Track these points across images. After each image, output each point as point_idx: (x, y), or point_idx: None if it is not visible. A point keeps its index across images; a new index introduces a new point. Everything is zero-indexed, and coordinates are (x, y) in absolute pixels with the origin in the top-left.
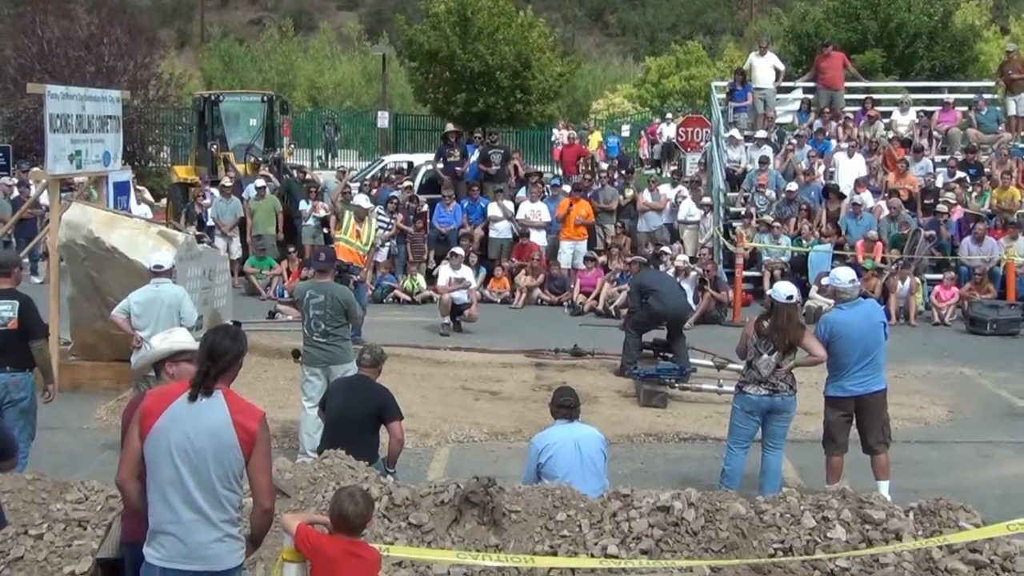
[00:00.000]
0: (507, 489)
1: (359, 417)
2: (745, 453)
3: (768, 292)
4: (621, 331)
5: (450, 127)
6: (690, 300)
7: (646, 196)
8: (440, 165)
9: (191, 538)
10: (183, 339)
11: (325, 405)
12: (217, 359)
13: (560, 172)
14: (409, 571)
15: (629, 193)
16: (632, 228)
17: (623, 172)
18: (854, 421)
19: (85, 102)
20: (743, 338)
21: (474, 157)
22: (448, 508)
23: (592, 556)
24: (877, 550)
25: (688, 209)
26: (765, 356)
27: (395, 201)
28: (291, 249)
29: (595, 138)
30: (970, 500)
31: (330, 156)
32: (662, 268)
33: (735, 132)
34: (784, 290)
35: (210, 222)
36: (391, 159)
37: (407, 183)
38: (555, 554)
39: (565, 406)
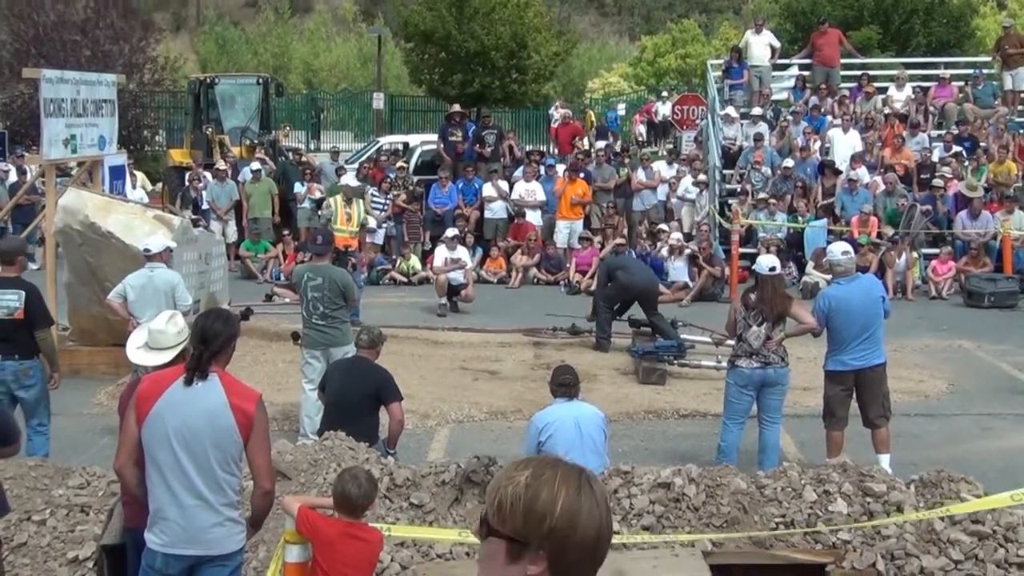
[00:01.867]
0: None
1: (358, 398)
2: (741, 428)
3: (752, 266)
4: (590, 320)
5: (456, 108)
6: (685, 277)
7: (640, 175)
8: (442, 145)
9: (191, 523)
10: (158, 357)
11: (325, 387)
12: (209, 342)
13: (556, 151)
14: (412, 551)
15: (624, 172)
16: (627, 207)
17: (619, 152)
18: (854, 395)
19: (80, 86)
20: (731, 313)
21: (470, 137)
22: (449, 488)
23: None
24: (879, 522)
25: (686, 186)
26: (755, 328)
27: (390, 181)
28: (286, 232)
29: (590, 117)
30: (971, 472)
31: (314, 138)
32: (658, 245)
33: (731, 110)
34: (767, 262)
35: (205, 206)
36: (386, 140)
37: (401, 164)
38: None
39: (564, 384)
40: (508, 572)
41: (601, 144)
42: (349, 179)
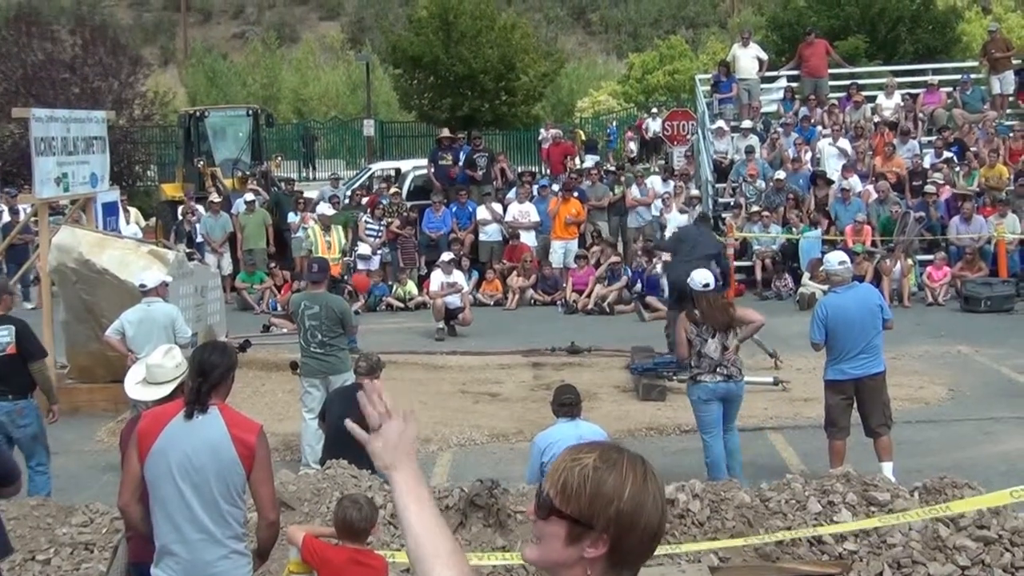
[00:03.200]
0: (511, 490)
1: (358, 423)
2: (720, 440)
3: (687, 282)
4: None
5: (445, 132)
6: None
7: (635, 192)
8: (432, 169)
9: (197, 557)
10: (156, 391)
11: (325, 416)
12: (208, 375)
13: (547, 172)
14: None
15: (619, 190)
16: (622, 224)
17: (613, 170)
18: (855, 404)
19: (70, 124)
20: (679, 335)
21: (460, 161)
22: (453, 512)
23: None
24: (880, 522)
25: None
26: (710, 342)
27: (383, 207)
28: (272, 264)
29: (580, 136)
30: (974, 477)
31: (309, 168)
32: (655, 261)
33: (722, 123)
34: (700, 278)
35: (200, 239)
36: (378, 167)
37: (394, 190)
38: None
39: (566, 404)
40: (565, 553)
41: (590, 160)
42: (324, 208)
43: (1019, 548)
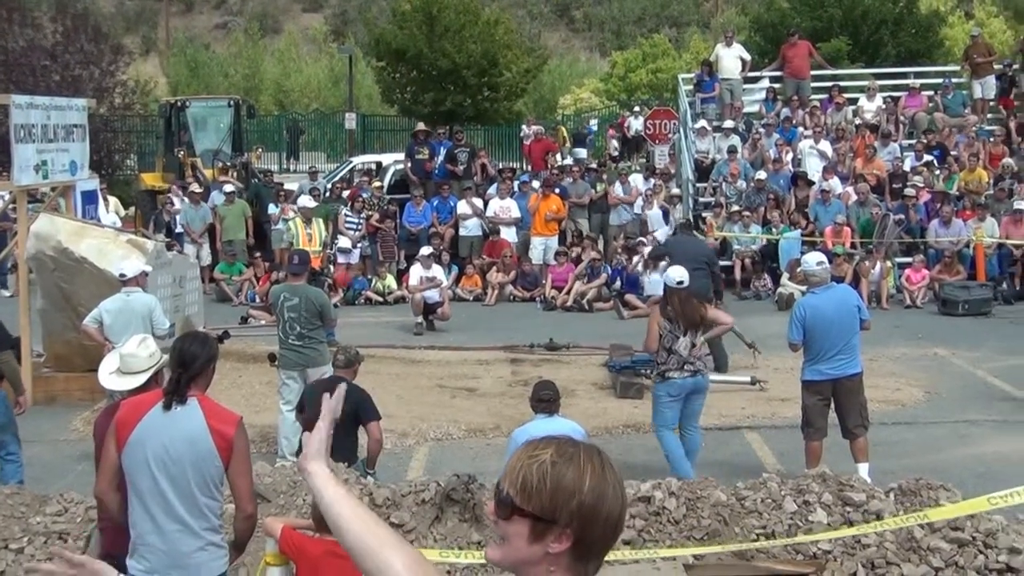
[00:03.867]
0: (487, 485)
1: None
2: (676, 434)
3: (662, 278)
4: None
5: (420, 126)
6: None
7: (617, 190)
8: (409, 164)
9: (173, 548)
10: (130, 381)
11: (302, 408)
12: (188, 365)
13: (528, 168)
14: None
15: (600, 187)
16: (603, 222)
17: (595, 167)
18: (831, 405)
19: (50, 111)
20: (651, 330)
21: (441, 156)
22: (429, 507)
23: None
24: (858, 531)
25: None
26: (682, 339)
27: (363, 201)
28: (257, 254)
29: (562, 133)
30: (950, 479)
31: (291, 159)
32: (635, 259)
33: (704, 123)
34: (675, 275)
35: (179, 229)
36: (359, 160)
37: (376, 184)
38: None
39: (545, 400)
40: (530, 551)
41: (580, 152)
42: (305, 201)
43: (992, 550)
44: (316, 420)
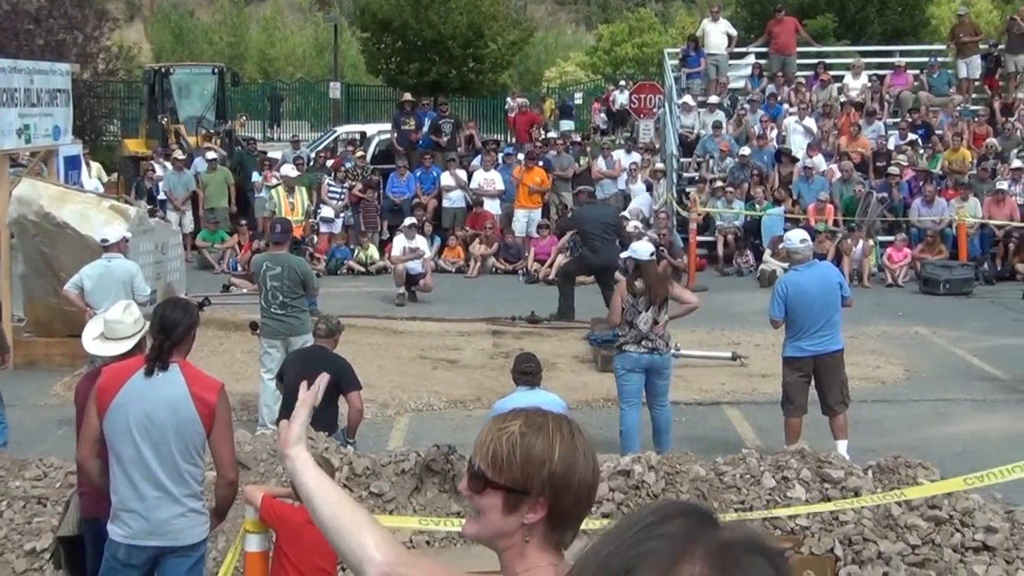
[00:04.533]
0: (468, 457)
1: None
2: (637, 411)
3: (629, 253)
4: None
5: (407, 96)
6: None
7: (600, 164)
8: (394, 134)
9: (154, 515)
10: (116, 347)
11: (283, 377)
12: (170, 332)
13: (513, 140)
14: None
15: (584, 161)
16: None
17: (579, 140)
18: (812, 382)
19: (33, 75)
20: (615, 303)
21: (426, 126)
22: (409, 477)
23: None
24: (835, 506)
25: (646, 176)
26: (643, 313)
27: (346, 170)
28: (242, 222)
29: (548, 106)
30: (928, 457)
31: (273, 127)
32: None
33: (689, 98)
34: (644, 249)
35: (162, 196)
36: (343, 130)
37: (359, 153)
38: None
39: (527, 372)
40: (505, 523)
41: (566, 125)
42: (288, 170)
43: (969, 528)
44: (295, 388)
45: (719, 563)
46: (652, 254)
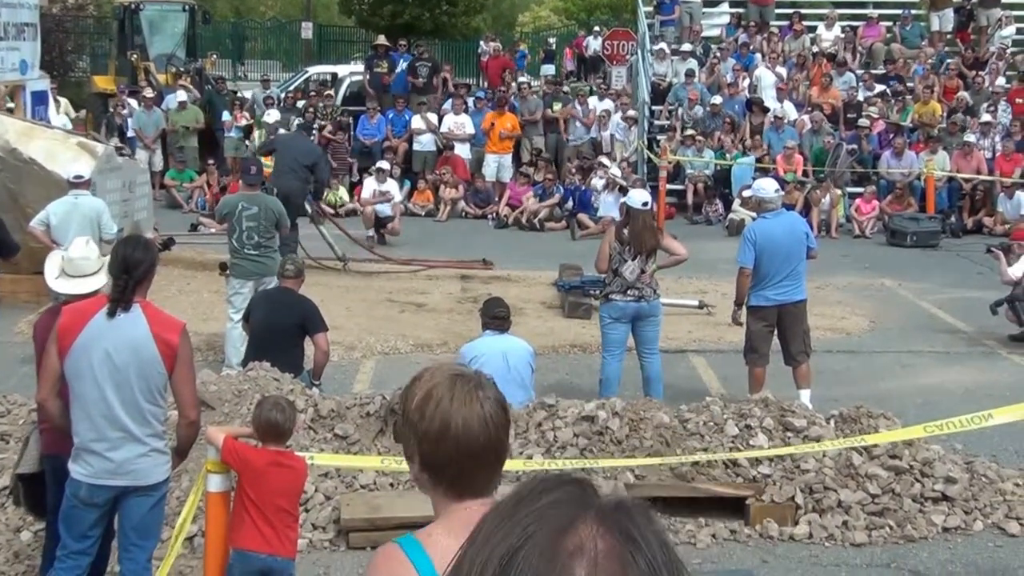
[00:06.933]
0: None
1: (283, 329)
2: (619, 360)
3: (623, 200)
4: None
5: (382, 39)
6: (614, 212)
7: (576, 110)
8: (367, 76)
9: (116, 455)
10: (85, 284)
11: (248, 318)
12: (132, 271)
13: (485, 84)
14: (336, 481)
15: (558, 107)
16: (558, 142)
17: (555, 85)
18: (776, 332)
19: (1, 9)
20: (603, 249)
21: (401, 67)
22: (374, 419)
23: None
24: (796, 450)
25: (616, 123)
26: (629, 262)
27: (314, 111)
28: (211, 161)
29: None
30: (890, 408)
31: (236, 66)
32: (597, 179)
33: (663, 46)
34: (639, 197)
35: (131, 133)
36: (315, 71)
37: (327, 93)
38: None
39: (498, 317)
40: (412, 471)
41: (550, 69)
42: (271, 115)
43: (929, 479)
44: (262, 329)
45: (613, 520)
46: (646, 203)
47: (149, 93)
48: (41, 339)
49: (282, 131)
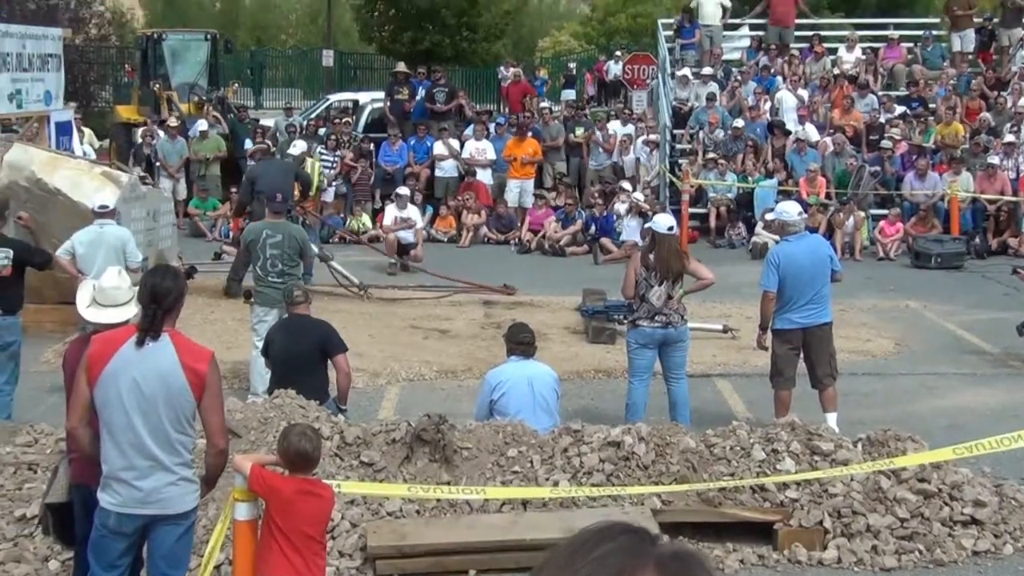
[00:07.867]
0: (458, 426)
1: (304, 354)
2: (646, 386)
3: (647, 225)
4: None
5: (401, 66)
6: (636, 237)
7: (596, 136)
8: (388, 103)
9: (145, 483)
10: (118, 314)
11: (267, 351)
12: (161, 300)
13: (506, 110)
14: (362, 508)
15: (580, 132)
16: (581, 167)
17: (576, 110)
18: (801, 355)
19: (25, 40)
20: (628, 276)
21: (420, 95)
22: (400, 446)
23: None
24: (824, 474)
25: (639, 147)
26: (656, 288)
27: (336, 139)
28: (233, 190)
29: (543, 76)
30: (917, 431)
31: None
32: (618, 205)
33: (687, 71)
34: (664, 222)
35: (156, 162)
36: (336, 98)
37: (347, 120)
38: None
39: (523, 343)
40: None
41: (571, 94)
42: (298, 147)
43: (958, 502)
44: (284, 360)
45: (672, 570)
46: (671, 228)
47: (173, 122)
48: (71, 367)
49: (251, 162)
